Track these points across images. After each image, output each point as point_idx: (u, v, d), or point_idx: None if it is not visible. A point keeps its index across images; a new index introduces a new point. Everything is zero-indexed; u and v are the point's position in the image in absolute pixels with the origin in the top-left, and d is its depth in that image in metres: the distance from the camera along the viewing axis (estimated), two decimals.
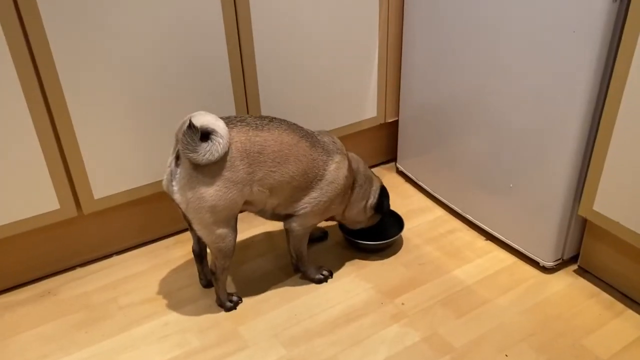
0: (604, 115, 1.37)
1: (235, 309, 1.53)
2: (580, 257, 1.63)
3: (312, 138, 1.46)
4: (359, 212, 1.61)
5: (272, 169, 1.38)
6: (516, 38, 1.46)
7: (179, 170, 1.32)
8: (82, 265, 1.70)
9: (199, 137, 1.26)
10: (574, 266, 1.64)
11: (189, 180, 1.31)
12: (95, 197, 1.59)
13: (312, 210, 1.48)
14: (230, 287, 1.59)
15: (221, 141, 1.28)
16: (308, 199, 1.47)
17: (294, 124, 1.45)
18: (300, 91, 1.80)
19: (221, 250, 1.41)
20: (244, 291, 1.59)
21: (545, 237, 1.58)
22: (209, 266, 1.54)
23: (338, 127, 1.91)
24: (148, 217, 1.75)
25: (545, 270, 1.63)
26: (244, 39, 1.62)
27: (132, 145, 1.58)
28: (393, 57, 1.94)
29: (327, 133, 1.54)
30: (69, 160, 1.51)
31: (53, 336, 1.47)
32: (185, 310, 1.53)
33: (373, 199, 1.61)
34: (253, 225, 1.83)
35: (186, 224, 1.46)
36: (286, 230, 1.54)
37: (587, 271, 1.62)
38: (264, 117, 1.41)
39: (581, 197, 1.49)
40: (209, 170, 1.30)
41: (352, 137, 1.95)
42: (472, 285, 1.59)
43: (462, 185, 1.80)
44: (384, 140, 2.15)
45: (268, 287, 1.60)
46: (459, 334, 1.44)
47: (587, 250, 1.61)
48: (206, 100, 1.62)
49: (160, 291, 1.60)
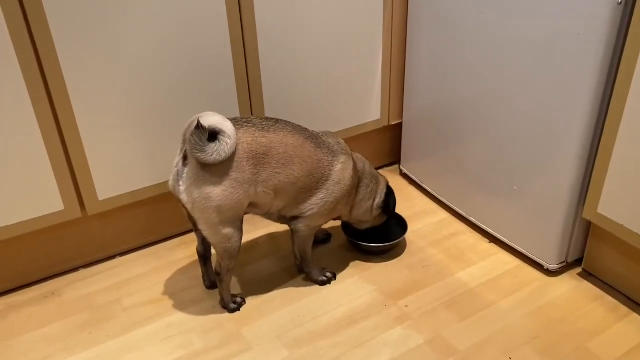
0: (608, 118, 1.37)
1: (239, 310, 1.53)
2: (584, 260, 1.63)
3: (317, 139, 1.46)
4: (366, 212, 1.61)
5: (277, 171, 1.38)
6: (521, 41, 1.46)
7: (186, 170, 1.32)
8: (86, 266, 1.71)
9: (206, 137, 1.26)
10: (578, 269, 1.64)
11: (195, 180, 1.31)
12: (100, 198, 1.59)
13: (319, 211, 1.48)
14: (234, 288, 1.59)
15: (229, 141, 1.28)
16: (315, 200, 1.47)
17: (299, 126, 1.45)
18: (303, 93, 1.80)
19: (227, 251, 1.41)
20: (247, 292, 1.59)
21: (549, 239, 1.58)
22: (213, 267, 1.54)
23: (342, 129, 1.92)
24: (152, 219, 1.76)
25: (549, 273, 1.63)
26: (248, 41, 1.63)
27: (137, 146, 1.59)
28: (397, 59, 1.94)
29: (331, 134, 1.54)
30: (73, 162, 1.52)
31: (57, 337, 1.47)
32: (189, 312, 1.53)
33: (379, 198, 1.61)
34: (257, 227, 1.83)
35: (190, 226, 1.46)
36: (292, 231, 1.54)
37: (591, 274, 1.62)
38: (269, 119, 1.42)
39: (585, 199, 1.49)
40: (216, 171, 1.31)
41: (355, 139, 1.95)
42: (476, 287, 1.59)
43: (465, 188, 1.80)
44: (388, 143, 2.15)
45: (271, 288, 1.60)
46: (463, 336, 1.44)
47: (591, 253, 1.60)
48: (210, 102, 1.62)
49: (164, 292, 1.60)
